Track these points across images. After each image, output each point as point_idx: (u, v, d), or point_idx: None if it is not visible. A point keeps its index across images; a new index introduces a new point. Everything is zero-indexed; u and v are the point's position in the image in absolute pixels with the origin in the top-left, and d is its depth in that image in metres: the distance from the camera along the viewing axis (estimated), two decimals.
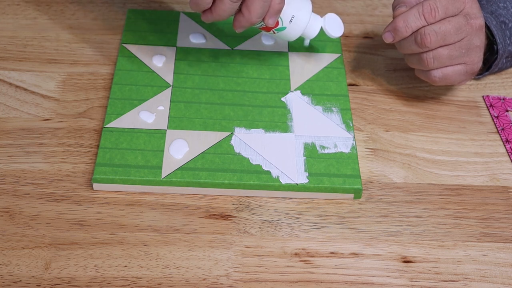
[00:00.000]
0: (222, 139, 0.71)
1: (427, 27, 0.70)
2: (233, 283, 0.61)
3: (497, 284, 0.62)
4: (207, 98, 0.75)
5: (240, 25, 0.70)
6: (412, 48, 0.72)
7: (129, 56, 0.79)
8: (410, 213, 0.68)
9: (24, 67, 0.79)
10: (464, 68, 0.73)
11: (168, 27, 0.83)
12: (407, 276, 0.62)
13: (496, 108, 0.79)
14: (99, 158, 0.68)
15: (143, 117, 0.72)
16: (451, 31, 0.70)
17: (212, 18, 0.69)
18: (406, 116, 0.78)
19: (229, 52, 0.81)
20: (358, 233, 0.65)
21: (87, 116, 0.74)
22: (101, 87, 0.77)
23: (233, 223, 0.65)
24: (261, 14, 0.69)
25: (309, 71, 0.79)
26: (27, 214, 0.64)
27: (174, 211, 0.66)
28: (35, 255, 0.61)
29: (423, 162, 0.72)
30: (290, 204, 0.68)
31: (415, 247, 0.65)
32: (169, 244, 0.63)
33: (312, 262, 0.63)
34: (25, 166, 0.68)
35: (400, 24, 0.71)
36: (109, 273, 0.60)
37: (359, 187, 0.68)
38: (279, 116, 0.74)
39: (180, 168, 0.67)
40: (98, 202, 0.66)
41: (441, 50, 0.71)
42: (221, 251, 0.63)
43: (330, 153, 0.70)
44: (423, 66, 0.73)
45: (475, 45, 0.72)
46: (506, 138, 0.75)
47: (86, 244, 0.62)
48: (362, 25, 0.89)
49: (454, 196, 0.70)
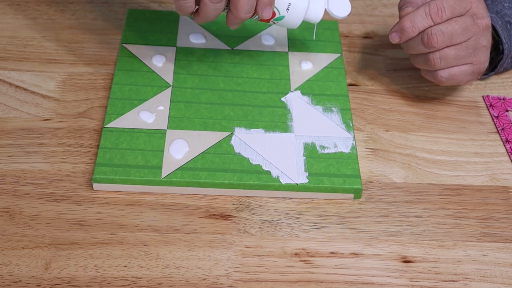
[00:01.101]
0: (222, 139, 0.71)
1: (434, 27, 0.70)
2: (233, 283, 0.61)
3: (497, 284, 0.62)
4: (207, 98, 0.75)
5: (231, 23, 0.70)
6: (419, 48, 0.72)
7: (129, 56, 0.79)
8: (410, 213, 0.68)
9: (24, 67, 0.79)
10: (470, 68, 0.73)
11: (168, 27, 0.83)
12: (407, 276, 0.62)
13: (496, 108, 0.79)
14: (99, 158, 0.68)
15: (143, 117, 0.72)
16: (458, 31, 0.70)
17: (201, 20, 0.69)
18: (406, 116, 0.78)
19: (229, 52, 0.81)
20: (358, 233, 0.65)
21: (87, 116, 0.74)
22: (101, 87, 0.77)
23: (233, 223, 0.65)
24: (249, 9, 0.68)
25: (309, 71, 0.79)
26: (27, 214, 0.64)
27: (174, 211, 0.66)
28: (35, 255, 0.61)
29: (423, 162, 0.72)
30: (290, 204, 0.68)
31: (415, 247, 0.65)
32: (169, 244, 0.63)
33: (312, 262, 0.63)
34: (25, 166, 0.68)
35: (406, 24, 0.71)
36: (109, 273, 0.60)
37: (359, 187, 0.68)
38: (279, 116, 0.74)
39: (180, 168, 0.67)
40: (98, 202, 0.66)
41: (447, 50, 0.71)
42: (221, 251, 0.63)
43: (330, 153, 0.70)
44: (429, 67, 0.73)
45: (481, 45, 0.72)
46: (506, 138, 0.75)
47: (86, 244, 0.62)
48: (362, 25, 0.89)
49: (454, 196, 0.70)
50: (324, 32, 0.85)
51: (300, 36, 0.84)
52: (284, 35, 0.84)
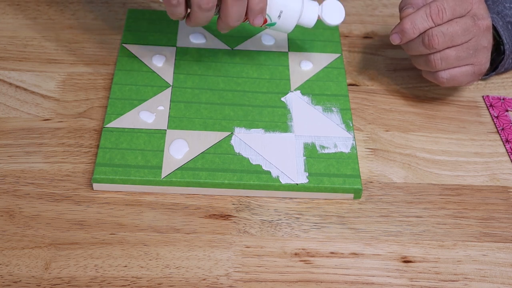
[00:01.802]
0: (222, 139, 0.71)
1: (435, 28, 0.70)
2: (233, 283, 0.61)
3: (497, 284, 0.62)
4: (207, 98, 0.75)
5: (221, 28, 0.70)
6: (420, 49, 0.72)
7: (129, 56, 0.79)
8: (410, 213, 0.68)
9: (24, 67, 0.79)
10: (471, 69, 0.73)
11: (168, 27, 0.83)
12: (407, 276, 0.62)
13: (496, 108, 0.79)
14: (99, 158, 0.68)
15: (143, 117, 0.72)
16: (459, 32, 0.70)
17: (192, 25, 0.69)
18: (406, 116, 0.78)
19: (229, 52, 0.81)
20: (358, 233, 0.65)
21: (87, 116, 0.74)
22: (101, 87, 0.77)
23: (233, 223, 0.65)
24: (239, 17, 0.68)
25: (309, 71, 0.79)
26: (27, 214, 0.64)
27: (174, 211, 0.66)
28: (35, 255, 0.61)
29: (423, 162, 0.72)
30: (290, 204, 0.68)
31: (415, 247, 0.65)
32: (169, 244, 0.63)
33: (312, 262, 0.63)
34: (25, 166, 0.68)
35: (407, 25, 0.71)
36: (109, 273, 0.60)
37: (359, 187, 0.68)
38: (279, 116, 0.74)
39: (180, 168, 0.67)
40: (98, 202, 0.66)
41: (448, 51, 0.71)
42: (221, 251, 0.63)
43: (330, 153, 0.70)
44: (430, 67, 0.73)
45: (482, 46, 0.72)
46: (506, 138, 0.75)
47: (86, 244, 0.62)
48: (362, 25, 0.89)
49: (454, 196, 0.70)
50: (324, 32, 0.85)
51: (300, 36, 0.84)
52: (284, 35, 0.83)
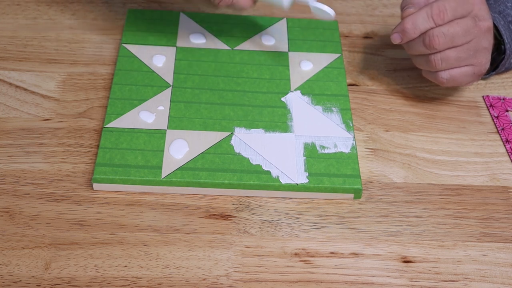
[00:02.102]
0: (222, 139, 0.71)
1: (436, 29, 0.70)
2: (233, 283, 0.61)
3: (497, 284, 0.62)
4: (207, 98, 0.75)
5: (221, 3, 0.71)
6: (420, 49, 0.72)
7: (129, 56, 0.79)
8: (410, 213, 0.68)
9: (24, 67, 0.79)
10: (471, 69, 0.73)
11: (168, 27, 0.83)
12: (407, 276, 0.62)
13: (496, 108, 0.79)
14: (99, 158, 0.68)
15: (143, 117, 0.72)
16: (460, 33, 0.70)
17: None
18: (406, 116, 0.78)
19: (229, 52, 0.81)
20: (358, 233, 0.65)
21: (87, 116, 0.74)
22: (101, 87, 0.77)
23: (233, 223, 0.65)
24: None
25: (309, 71, 0.79)
26: (27, 214, 0.64)
27: (174, 211, 0.66)
28: (35, 255, 0.61)
29: (423, 162, 0.72)
30: (290, 204, 0.68)
31: (415, 247, 0.65)
32: (169, 244, 0.63)
33: (312, 262, 0.63)
34: (25, 166, 0.68)
35: (408, 25, 0.71)
36: (109, 273, 0.60)
37: (359, 187, 0.68)
38: (279, 116, 0.74)
39: (180, 168, 0.67)
40: (98, 202, 0.66)
41: (449, 52, 0.71)
42: (221, 251, 0.63)
43: (330, 153, 0.70)
44: (430, 68, 0.73)
45: (483, 47, 0.72)
46: (506, 138, 0.75)
47: (86, 244, 0.62)
48: (362, 25, 0.89)
49: (454, 196, 0.70)
50: (324, 32, 0.85)
51: (300, 36, 0.84)
52: (284, 35, 0.84)
